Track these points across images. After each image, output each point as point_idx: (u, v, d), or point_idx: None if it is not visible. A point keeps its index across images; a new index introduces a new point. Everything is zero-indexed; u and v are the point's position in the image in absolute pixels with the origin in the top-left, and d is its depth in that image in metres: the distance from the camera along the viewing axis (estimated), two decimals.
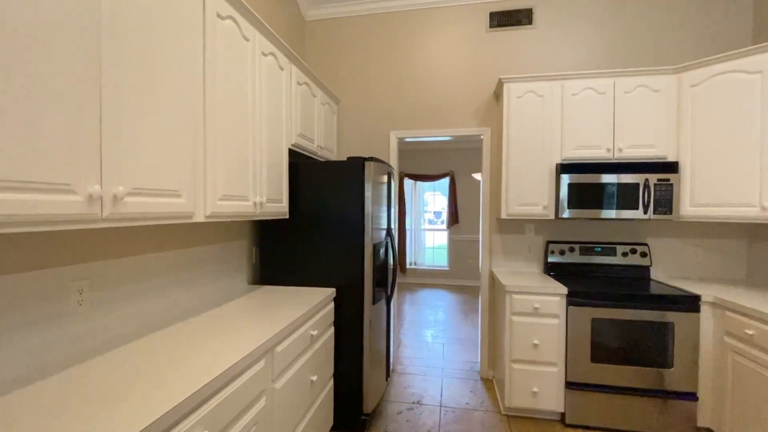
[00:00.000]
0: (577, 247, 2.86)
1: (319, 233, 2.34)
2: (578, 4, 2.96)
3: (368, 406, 2.30)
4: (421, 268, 7.27)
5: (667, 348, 2.26)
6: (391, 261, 2.67)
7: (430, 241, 7.50)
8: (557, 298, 2.39)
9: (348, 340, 2.31)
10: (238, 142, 1.72)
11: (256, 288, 2.30)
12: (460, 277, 7.05)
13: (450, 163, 7.03)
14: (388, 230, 2.65)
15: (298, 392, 1.72)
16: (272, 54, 2.06)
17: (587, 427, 2.37)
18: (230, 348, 1.31)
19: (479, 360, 3.16)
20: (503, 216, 2.73)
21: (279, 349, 1.53)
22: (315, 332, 1.89)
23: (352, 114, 3.32)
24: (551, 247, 2.90)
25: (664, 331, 2.26)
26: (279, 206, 2.19)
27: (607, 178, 2.52)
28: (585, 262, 2.84)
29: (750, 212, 2.19)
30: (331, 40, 3.37)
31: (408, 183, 7.27)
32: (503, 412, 2.54)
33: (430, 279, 7.22)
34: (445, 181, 7.17)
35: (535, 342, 2.40)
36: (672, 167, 2.45)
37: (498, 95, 2.97)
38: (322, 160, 2.90)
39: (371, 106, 3.29)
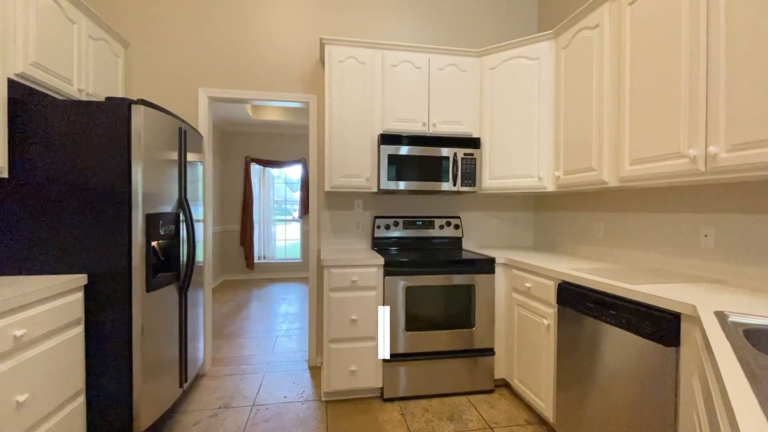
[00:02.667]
0: (401, 221, 2.87)
1: (60, 201, 1.71)
2: None
3: (143, 423, 1.79)
4: (271, 262, 6.74)
5: (471, 309, 2.39)
6: (185, 238, 2.18)
7: (281, 233, 7.03)
8: (374, 269, 2.30)
9: (109, 343, 1.74)
10: None
11: None
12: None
13: (303, 149, 6.70)
14: (181, 201, 2.15)
15: None
16: None
17: (405, 398, 2.35)
18: None
19: (308, 348, 2.91)
20: (327, 188, 2.53)
21: None
22: (21, 332, 1.30)
23: (150, 64, 2.66)
24: (378, 222, 2.84)
25: (468, 293, 2.39)
26: None
27: (423, 151, 2.56)
28: (408, 236, 2.87)
29: (530, 182, 2.49)
30: None
31: (257, 172, 6.65)
32: (323, 399, 2.34)
33: (282, 273, 6.77)
34: (298, 169, 6.82)
35: (354, 317, 2.26)
36: (476, 143, 2.63)
37: (323, 60, 2.77)
38: None
39: (177, 57, 2.69)
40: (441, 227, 2.91)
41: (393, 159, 2.51)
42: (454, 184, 2.59)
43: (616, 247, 2.25)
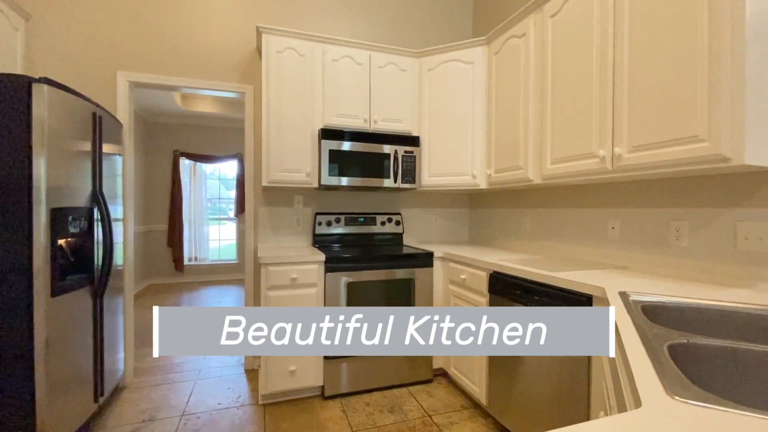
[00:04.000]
0: (342, 218, 2.85)
1: None
2: None
3: None
4: (203, 264, 6.32)
5: (411, 302, 2.46)
6: (100, 237, 1.96)
7: (215, 233, 6.62)
8: (315, 266, 2.26)
9: (6, 358, 1.51)
10: None
11: None
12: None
13: (239, 143, 6.37)
14: (95, 195, 1.93)
15: None
16: None
17: (347, 394, 2.34)
18: None
19: None
20: (265, 183, 2.43)
21: None
22: None
23: (57, 40, 2.35)
24: (319, 218, 2.80)
25: (408, 287, 2.45)
26: None
27: (365, 147, 2.57)
28: (350, 232, 2.87)
29: (466, 180, 2.62)
30: None
31: (187, 168, 6.18)
32: (260, 402, 2.25)
33: (217, 275, 6.38)
34: (233, 165, 6.47)
35: None
36: (415, 141, 2.70)
37: (260, 50, 2.66)
38: None
39: (91, 34, 2.41)
40: (383, 223, 2.95)
41: (334, 154, 2.49)
42: (395, 181, 2.64)
43: (540, 239, 2.45)
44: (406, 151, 2.67)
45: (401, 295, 2.43)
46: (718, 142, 1.23)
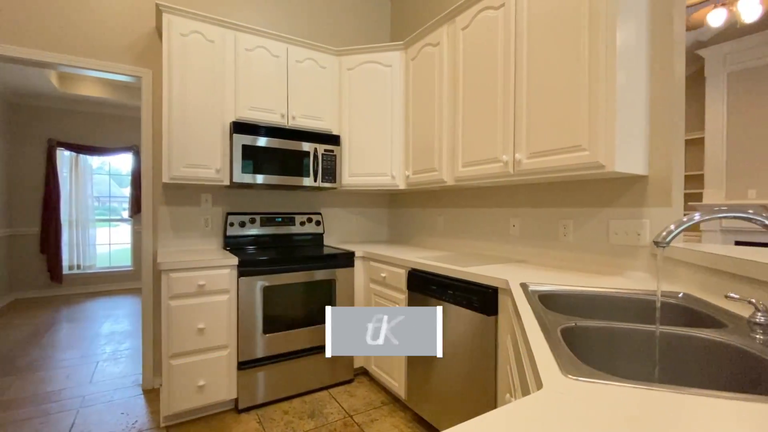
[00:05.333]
0: (258, 218, 2.70)
1: None
2: None
3: None
4: (89, 272, 5.45)
5: (332, 303, 2.42)
6: None
7: (104, 237, 5.76)
8: (227, 271, 2.09)
9: None
10: None
11: None
12: None
13: (135, 134, 5.63)
14: None
15: None
16: None
17: (264, 404, 2.22)
18: None
19: (142, 369, 2.46)
20: (166, 179, 2.18)
21: None
22: None
23: None
24: (231, 219, 2.60)
25: (329, 288, 2.41)
26: None
27: (283, 144, 2.46)
28: (266, 233, 2.72)
29: (385, 180, 2.67)
30: None
31: (67, 160, 5.27)
32: (162, 425, 2.01)
33: (107, 285, 5.55)
34: (127, 158, 5.71)
35: (201, 326, 2.01)
36: (336, 140, 2.67)
37: (160, 30, 2.38)
38: None
39: None
40: (302, 224, 2.86)
41: (249, 150, 2.34)
42: (315, 180, 2.58)
43: (453, 237, 2.61)
44: (326, 150, 2.62)
45: (322, 296, 2.38)
46: (596, 152, 1.43)
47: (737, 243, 4.74)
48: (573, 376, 0.58)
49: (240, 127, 2.32)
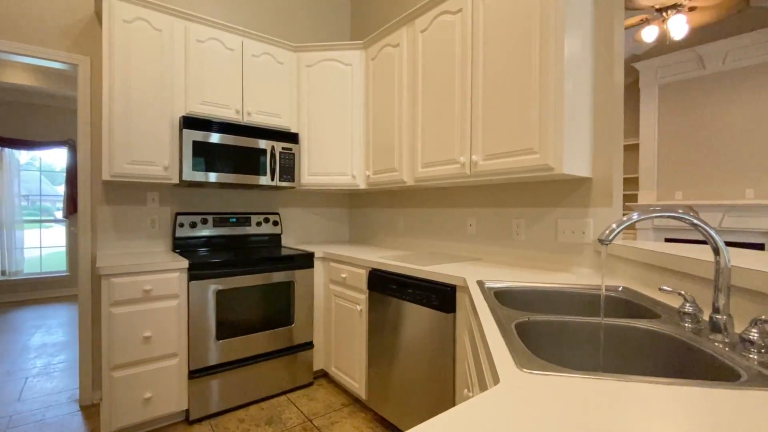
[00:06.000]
0: (210, 218, 2.57)
1: None
2: None
3: None
4: (16, 279, 4.92)
5: (291, 306, 2.36)
6: None
7: (34, 239, 5.22)
8: (176, 274, 1.97)
9: None
10: None
11: None
12: None
13: (69, 127, 5.15)
14: None
15: None
16: None
17: (218, 414, 2.11)
18: None
19: (79, 383, 2.25)
20: (107, 177, 2.01)
21: None
22: None
23: None
24: (180, 219, 2.46)
25: (287, 290, 2.35)
26: None
27: (237, 141, 2.36)
28: (220, 234, 2.60)
29: (345, 180, 2.65)
30: None
31: None
32: None
33: (38, 292, 5.04)
34: (62, 153, 5.22)
35: (147, 334, 1.88)
36: (294, 138, 2.61)
37: (100, 15, 2.19)
38: None
39: None
40: (258, 224, 2.76)
41: (201, 147, 2.22)
42: (273, 179, 2.50)
43: (413, 237, 2.65)
44: (284, 148, 2.55)
45: (280, 299, 2.31)
46: (546, 155, 1.51)
47: (667, 240, 5.23)
48: (527, 370, 0.60)
49: (191, 122, 2.19)
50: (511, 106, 1.65)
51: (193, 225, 2.49)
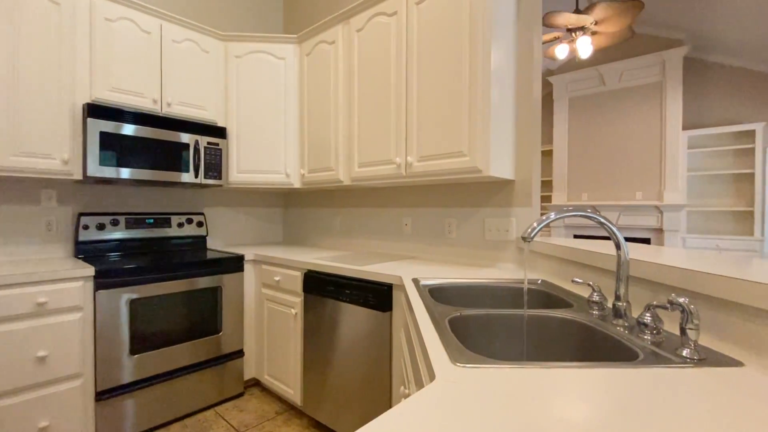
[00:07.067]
0: (122, 219, 2.29)
1: None
2: None
3: None
4: None
5: (218, 313, 2.20)
6: None
7: None
8: (79, 284, 1.73)
9: None
10: None
11: None
12: None
13: None
14: None
15: None
16: None
17: None
18: None
19: None
20: None
21: None
22: None
23: None
24: (85, 220, 2.16)
25: (213, 296, 2.19)
26: None
27: (156, 134, 2.14)
28: (135, 237, 2.33)
29: (278, 178, 2.55)
30: None
31: None
32: None
33: None
34: None
35: (41, 354, 1.62)
36: (221, 132, 2.44)
37: None
38: None
39: None
40: (180, 225, 2.53)
41: (111, 139, 1.97)
42: (197, 176, 2.31)
43: (350, 237, 2.63)
44: (210, 143, 2.37)
45: (206, 306, 2.15)
46: (474, 157, 1.60)
47: (575, 236, 5.88)
48: (461, 364, 0.62)
49: (97, 111, 1.94)
50: (443, 110, 1.72)
51: (101, 227, 2.20)
